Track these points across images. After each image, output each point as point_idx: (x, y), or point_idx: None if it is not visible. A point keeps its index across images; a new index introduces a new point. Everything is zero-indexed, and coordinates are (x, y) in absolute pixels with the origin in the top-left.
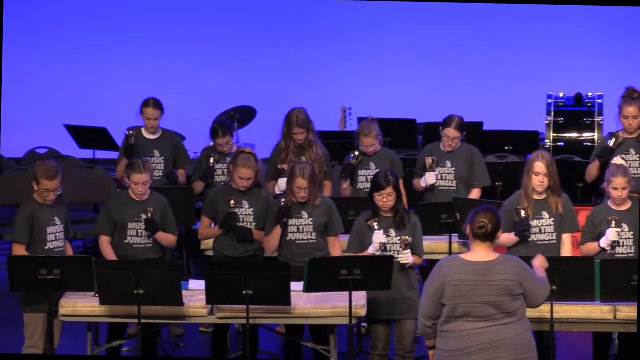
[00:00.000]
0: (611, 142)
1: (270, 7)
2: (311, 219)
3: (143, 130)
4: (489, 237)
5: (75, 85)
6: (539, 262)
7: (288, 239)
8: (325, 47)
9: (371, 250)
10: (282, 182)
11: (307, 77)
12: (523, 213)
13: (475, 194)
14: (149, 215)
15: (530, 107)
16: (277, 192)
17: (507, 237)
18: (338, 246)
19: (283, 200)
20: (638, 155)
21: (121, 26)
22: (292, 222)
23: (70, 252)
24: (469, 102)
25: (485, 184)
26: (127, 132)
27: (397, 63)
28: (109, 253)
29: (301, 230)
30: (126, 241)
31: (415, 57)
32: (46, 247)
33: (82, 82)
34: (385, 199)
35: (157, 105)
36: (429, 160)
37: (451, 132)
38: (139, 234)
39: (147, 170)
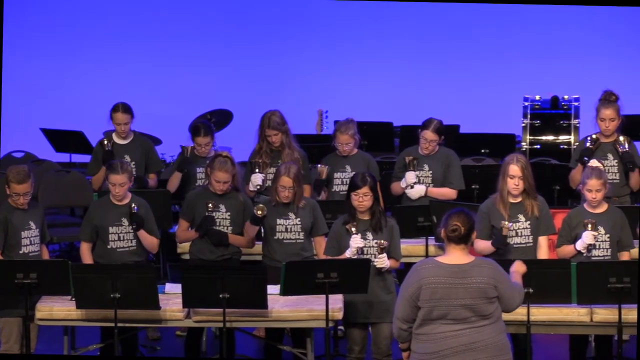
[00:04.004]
0: (589, 143)
1: (247, 11)
2: (299, 219)
3: (114, 135)
4: (462, 239)
5: (52, 88)
6: (516, 268)
7: (276, 238)
8: (302, 50)
9: (348, 254)
10: (255, 178)
11: (283, 80)
12: (504, 230)
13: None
14: (133, 209)
15: (507, 109)
16: (251, 188)
17: (483, 245)
18: (325, 246)
19: (259, 210)
20: (616, 160)
21: (98, 30)
22: (279, 222)
23: (46, 256)
24: (445, 105)
25: (459, 187)
26: (100, 140)
27: (373, 66)
28: (87, 259)
29: (289, 230)
30: (109, 247)
31: (391, 60)
32: (21, 252)
33: (58, 86)
34: (361, 199)
35: (126, 109)
36: (409, 159)
37: (429, 135)
38: (121, 238)
39: (124, 171)
